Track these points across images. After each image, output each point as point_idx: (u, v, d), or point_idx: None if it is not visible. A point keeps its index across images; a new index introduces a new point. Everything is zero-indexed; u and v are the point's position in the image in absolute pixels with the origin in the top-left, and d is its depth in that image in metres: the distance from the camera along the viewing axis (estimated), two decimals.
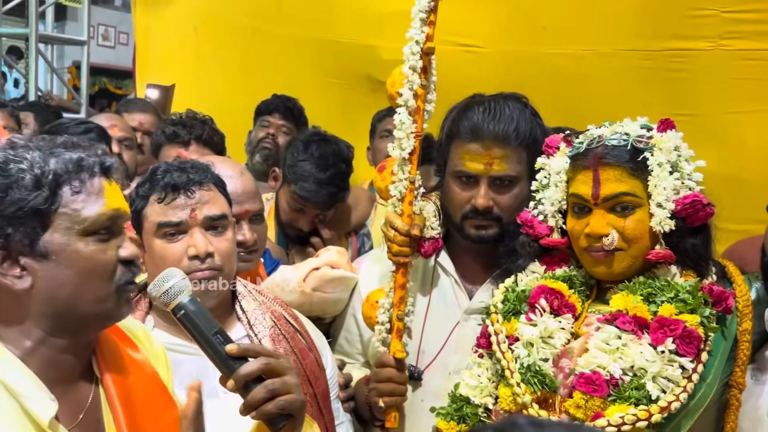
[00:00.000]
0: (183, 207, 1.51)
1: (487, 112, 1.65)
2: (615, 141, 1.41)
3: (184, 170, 1.53)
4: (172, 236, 1.51)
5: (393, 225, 1.68)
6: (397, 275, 1.70)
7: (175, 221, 1.50)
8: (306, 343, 1.65)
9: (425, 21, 1.65)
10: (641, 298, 1.36)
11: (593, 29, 2.88)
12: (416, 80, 1.64)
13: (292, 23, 3.41)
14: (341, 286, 1.90)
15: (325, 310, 1.92)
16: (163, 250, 1.51)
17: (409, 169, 1.67)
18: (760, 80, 2.67)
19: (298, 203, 2.41)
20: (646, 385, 1.28)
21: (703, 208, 1.38)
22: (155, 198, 1.52)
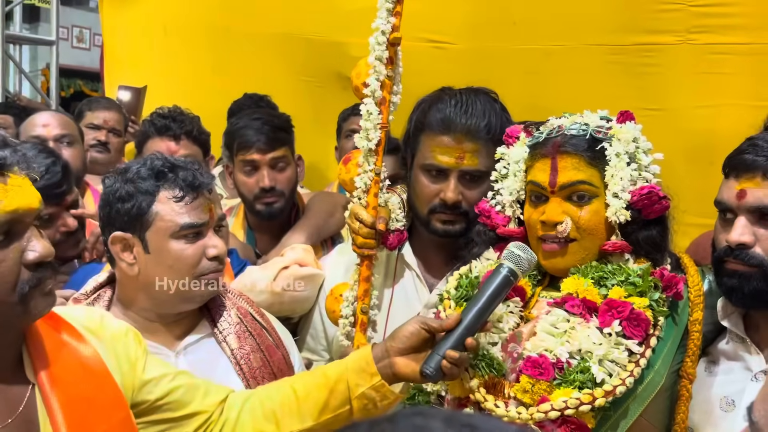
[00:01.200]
0: (203, 208, 1.48)
1: (459, 105, 1.65)
2: (574, 130, 1.41)
3: (191, 169, 1.49)
4: (193, 237, 1.48)
5: (358, 217, 1.66)
6: (361, 268, 1.69)
7: (200, 222, 1.47)
8: (273, 341, 1.63)
9: (391, 11, 1.64)
10: (592, 282, 1.35)
11: (563, 25, 2.88)
12: (383, 71, 1.64)
13: (262, 21, 3.38)
14: (311, 283, 1.88)
15: (295, 309, 1.90)
16: (182, 252, 1.47)
17: (374, 161, 1.66)
18: (728, 74, 2.68)
19: (247, 159, 2.33)
20: (591, 369, 1.27)
21: (659, 201, 1.38)
22: (170, 196, 1.45)
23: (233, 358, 1.55)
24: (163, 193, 1.45)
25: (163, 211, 1.45)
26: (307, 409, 1.33)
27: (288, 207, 2.43)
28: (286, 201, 2.40)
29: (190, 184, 1.46)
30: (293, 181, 2.44)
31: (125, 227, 1.47)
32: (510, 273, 1.34)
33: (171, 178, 1.46)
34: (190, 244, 1.47)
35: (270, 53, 3.42)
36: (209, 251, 1.48)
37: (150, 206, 1.45)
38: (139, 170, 1.47)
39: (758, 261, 1.34)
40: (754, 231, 1.34)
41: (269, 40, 3.40)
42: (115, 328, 1.28)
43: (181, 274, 1.47)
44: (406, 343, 1.33)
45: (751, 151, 1.36)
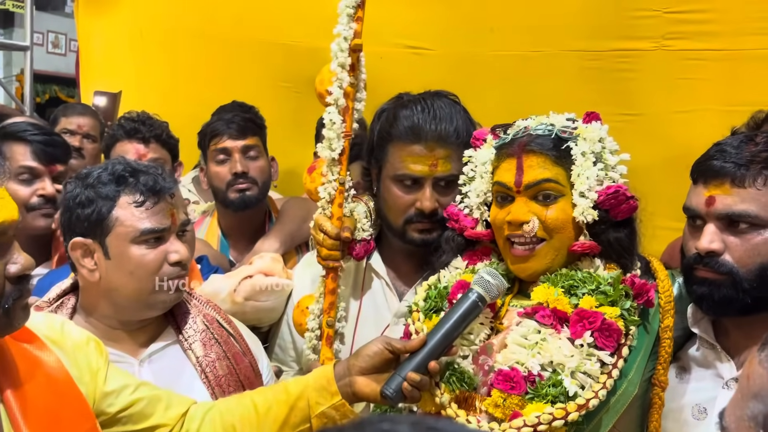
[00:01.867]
0: (165, 213, 1.45)
1: (426, 111, 1.62)
2: (540, 130, 1.40)
3: (153, 174, 1.46)
4: (154, 242, 1.45)
5: (322, 228, 1.63)
6: (327, 280, 1.65)
7: (161, 228, 1.45)
8: (240, 348, 1.61)
9: (352, 17, 1.60)
10: (562, 291, 1.33)
11: (539, 31, 2.90)
12: (345, 78, 1.60)
13: (240, 27, 3.36)
14: (275, 294, 1.84)
15: (261, 319, 1.87)
16: (143, 257, 1.44)
17: (338, 170, 1.62)
18: (703, 80, 2.72)
19: (219, 147, 2.35)
20: (564, 382, 1.25)
21: (626, 201, 1.36)
22: (130, 201, 1.43)
23: (198, 365, 1.53)
24: (124, 198, 1.43)
25: (124, 216, 1.43)
26: (267, 425, 1.32)
27: (261, 198, 2.41)
28: (260, 191, 2.39)
29: (151, 188, 1.43)
30: (266, 173, 2.43)
31: (85, 233, 1.44)
32: (479, 299, 1.33)
33: (132, 183, 1.43)
34: (151, 249, 1.45)
35: (248, 59, 3.41)
36: (171, 256, 1.46)
37: (110, 211, 1.42)
38: (99, 175, 1.45)
39: (728, 268, 1.31)
40: (724, 238, 1.32)
41: (247, 46, 3.38)
42: (76, 337, 1.26)
43: (142, 279, 1.45)
44: (368, 362, 1.32)
45: (719, 157, 1.34)
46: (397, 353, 1.32)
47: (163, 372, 1.50)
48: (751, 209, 1.29)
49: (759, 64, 2.62)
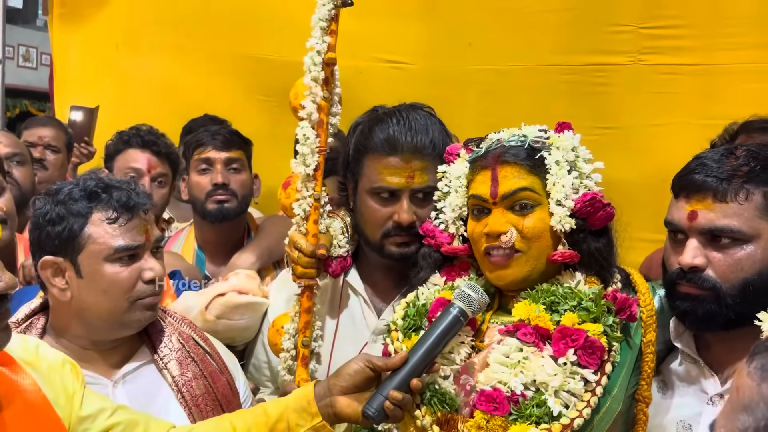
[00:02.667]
0: (139, 230, 1.42)
1: (402, 123, 1.60)
2: (513, 142, 1.40)
3: (126, 189, 1.43)
4: (128, 260, 1.42)
5: (297, 245, 1.60)
6: (302, 299, 1.61)
7: (135, 245, 1.42)
8: (217, 366, 1.58)
9: (326, 30, 1.57)
10: (543, 307, 1.32)
11: (517, 45, 2.93)
12: (319, 92, 1.57)
13: (218, 39, 3.34)
14: (249, 312, 1.79)
15: (234, 338, 1.82)
16: (117, 275, 1.41)
17: (313, 186, 1.59)
18: (677, 93, 2.76)
19: (202, 157, 2.35)
20: (548, 402, 1.23)
21: (603, 208, 1.36)
22: (103, 218, 1.39)
23: (175, 385, 1.49)
24: (96, 214, 1.39)
25: (96, 233, 1.39)
26: None
27: (239, 212, 2.39)
28: (239, 204, 2.37)
29: (125, 204, 1.40)
30: (247, 187, 2.42)
31: (56, 251, 1.40)
32: (460, 313, 1.31)
33: (104, 199, 1.40)
34: (125, 267, 1.41)
35: (226, 72, 3.39)
36: (145, 274, 1.43)
37: (82, 228, 1.39)
38: (71, 191, 1.42)
39: (711, 284, 1.30)
40: (706, 253, 1.32)
41: (225, 59, 3.37)
42: (51, 359, 1.23)
43: (115, 298, 1.42)
44: (349, 381, 1.29)
45: (701, 171, 1.33)
46: (378, 371, 1.30)
47: (138, 393, 1.47)
48: (733, 224, 1.29)
49: (731, 78, 2.67)
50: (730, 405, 0.80)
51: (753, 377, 0.77)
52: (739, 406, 0.78)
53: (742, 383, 0.79)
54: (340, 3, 1.58)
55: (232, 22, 3.33)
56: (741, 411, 0.77)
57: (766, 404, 0.75)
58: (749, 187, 1.29)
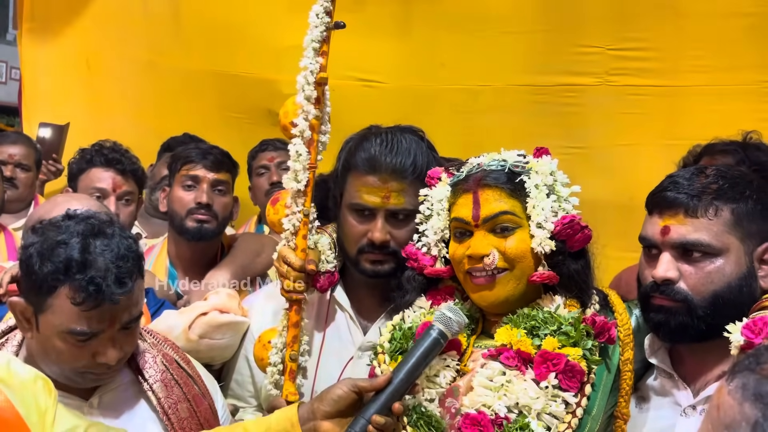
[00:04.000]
0: (102, 316, 1.32)
1: (384, 144, 1.63)
2: (493, 166, 1.44)
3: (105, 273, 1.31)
4: (81, 341, 1.33)
5: (286, 260, 1.61)
6: (290, 313, 1.62)
7: (91, 332, 1.32)
8: (199, 390, 1.56)
9: (318, 51, 1.60)
10: (525, 332, 1.35)
11: (488, 66, 2.98)
12: (311, 110, 1.59)
13: (190, 56, 3.35)
14: (231, 331, 1.79)
15: (213, 358, 1.81)
16: (66, 351, 1.34)
17: (303, 202, 1.61)
18: (644, 114, 2.83)
19: (190, 174, 2.32)
20: (531, 425, 1.26)
21: (581, 230, 1.40)
22: (69, 295, 1.29)
23: (160, 407, 1.47)
24: (64, 289, 1.30)
25: (57, 306, 1.31)
26: None
27: (217, 233, 2.37)
28: (217, 226, 2.35)
29: (94, 292, 1.29)
30: (228, 210, 2.41)
31: (26, 296, 1.36)
32: (440, 335, 1.32)
33: (78, 279, 1.29)
34: (78, 348, 1.34)
35: (199, 89, 3.39)
36: (98, 358, 1.36)
37: (49, 294, 1.31)
38: (55, 250, 1.32)
39: (683, 296, 1.35)
40: (679, 266, 1.37)
41: (198, 76, 3.38)
42: (23, 375, 1.21)
43: (63, 367, 1.37)
44: (333, 406, 1.29)
45: (673, 189, 1.39)
46: (363, 392, 1.30)
47: (114, 413, 1.44)
48: (703, 238, 1.34)
49: (696, 100, 2.75)
50: (710, 423, 0.81)
51: (734, 396, 0.78)
52: (721, 425, 0.79)
53: (723, 402, 0.80)
54: (333, 25, 1.62)
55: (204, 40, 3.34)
56: (723, 429, 0.79)
57: (747, 423, 0.76)
58: (718, 204, 1.35)
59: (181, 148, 2.52)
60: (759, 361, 0.79)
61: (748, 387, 0.77)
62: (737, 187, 1.37)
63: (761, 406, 0.75)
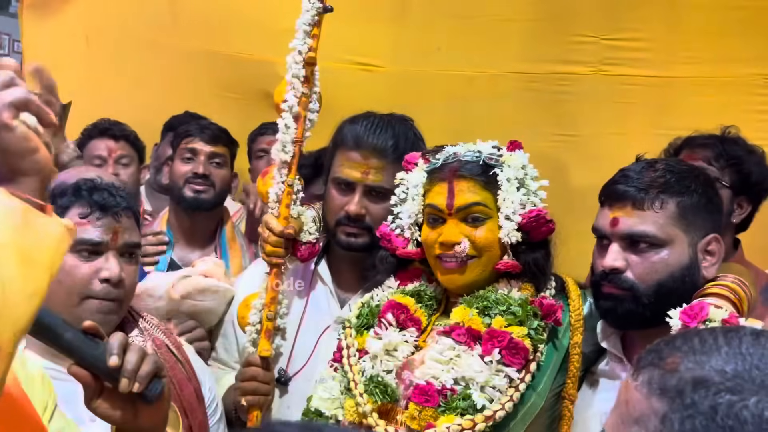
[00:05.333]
0: (106, 228, 1.48)
1: (370, 125, 1.74)
2: (469, 157, 1.51)
3: (111, 193, 1.50)
4: (87, 254, 1.47)
5: (268, 225, 1.71)
6: (270, 276, 1.73)
7: (96, 240, 1.47)
8: (186, 374, 1.62)
9: (308, 33, 1.71)
10: (477, 311, 1.43)
11: (484, 52, 3.00)
12: (300, 88, 1.70)
13: (189, 36, 3.36)
14: (213, 295, 1.89)
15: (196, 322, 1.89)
16: (74, 267, 1.45)
17: (287, 173, 1.72)
18: (635, 104, 2.85)
19: (189, 147, 2.47)
20: (473, 395, 1.34)
21: (546, 224, 1.47)
22: (77, 212, 1.47)
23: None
24: (74, 209, 1.47)
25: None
26: None
27: (214, 203, 2.48)
28: (215, 196, 2.47)
29: (98, 203, 1.47)
30: (226, 183, 2.53)
31: None
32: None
33: (84, 196, 1.48)
34: (84, 262, 1.47)
35: (197, 68, 3.41)
36: (102, 273, 1.47)
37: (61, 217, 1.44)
38: (64, 188, 1.50)
39: (629, 284, 1.42)
40: (626, 256, 1.42)
41: (196, 56, 3.39)
42: (30, 369, 1.26)
43: (68, 291, 1.46)
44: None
45: (623, 182, 1.45)
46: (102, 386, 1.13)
47: None
48: (649, 230, 1.40)
49: (687, 91, 2.77)
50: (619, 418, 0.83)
51: (641, 391, 0.80)
52: (630, 419, 0.81)
53: (631, 397, 0.81)
54: (322, 9, 1.72)
55: (203, 20, 3.35)
56: (632, 424, 0.80)
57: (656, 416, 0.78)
58: (664, 197, 1.41)
59: (181, 127, 2.65)
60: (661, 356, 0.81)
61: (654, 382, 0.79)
62: (683, 181, 1.42)
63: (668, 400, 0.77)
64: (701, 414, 0.74)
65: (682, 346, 0.81)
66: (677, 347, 0.81)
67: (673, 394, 0.77)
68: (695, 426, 0.74)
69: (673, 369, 0.79)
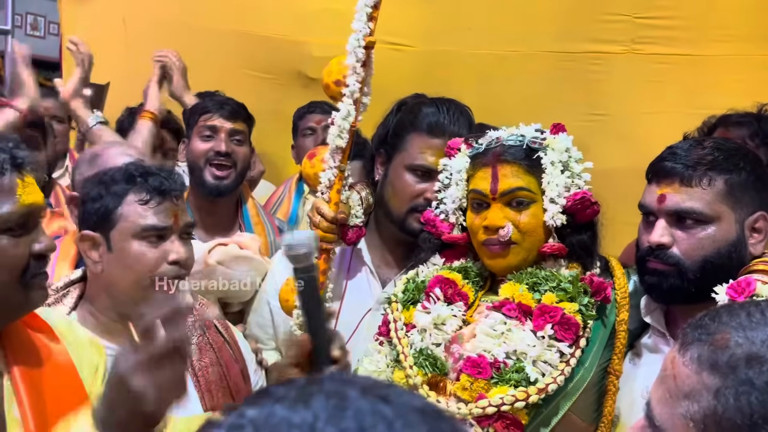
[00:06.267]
0: (168, 213, 1.52)
1: (450, 112, 1.75)
2: (512, 141, 1.52)
3: (164, 176, 1.54)
4: (153, 240, 1.51)
5: (320, 211, 1.72)
6: (319, 261, 1.72)
7: (161, 226, 1.51)
8: (233, 354, 1.68)
9: (370, 15, 1.65)
10: (527, 287, 1.45)
11: (516, 31, 2.99)
12: (362, 72, 1.66)
13: (222, 18, 3.40)
14: (246, 265, 1.93)
15: (228, 292, 1.93)
16: (143, 254, 1.50)
17: (340, 159, 1.70)
18: (669, 83, 2.84)
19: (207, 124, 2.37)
20: (526, 368, 1.37)
21: (591, 206, 1.49)
22: (136, 199, 1.50)
23: (191, 368, 1.58)
24: (131, 196, 1.50)
25: (128, 212, 1.50)
26: None
27: (236, 186, 2.39)
28: (237, 177, 2.38)
29: (157, 188, 1.51)
30: (246, 161, 2.44)
31: (94, 226, 1.52)
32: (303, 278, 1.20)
33: (140, 182, 1.51)
34: (152, 247, 1.51)
35: (230, 50, 3.44)
36: (170, 256, 1.52)
37: (117, 207, 1.50)
38: (113, 174, 1.54)
39: (675, 260, 1.43)
40: (673, 232, 1.44)
41: (230, 37, 3.42)
42: (80, 336, 1.32)
43: (139, 275, 1.51)
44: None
45: (671, 159, 1.46)
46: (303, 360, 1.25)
47: None
48: (696, 206, 1.41)
49: (721, 69, 2.75)
50: (667, 392, 0.85)
51: (690, 367, 0.82)
52: (680, 394, 0.83)
53: (679, 372, 0.84)
54: None
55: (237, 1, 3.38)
56: (682, 398, 0.82)
57: (709, 392, 0.80)
58: (712, 174, 1.42)
59: (196, 102, 2.60)
60: (709, 332, 0.83)
61: (703, 357, 0.81)
62: (732, 158, 1.43)
63: (720, 376, 0.79)
64: (757, 390, 0.77)
65: (729, 321, 0.83)
66: (724, 323, 0.83)
67: (725, 370, 0.79)
68: (751, 401, 0.77)
69: (724, 345, 0.81)
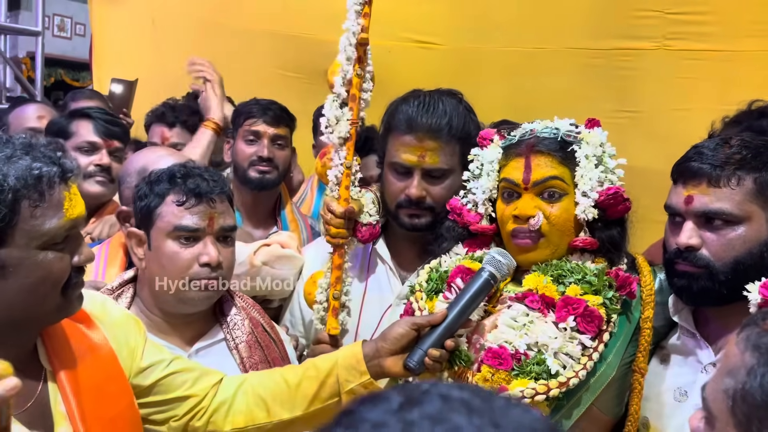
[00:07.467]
0: (202, 215, 1.54)
1: (421, 105, 1.72)
2: (546, 133, 1.51)
3: (205, 178, 1.56)
4: (186, 240, 1.54)
5: (329, 208, 1.75)
6: (334, 256, 1.77)
7: (193, 227, 1.54)
8: (280, 353, 1.70)
9: (360, 13, 1.68)
10: (551, 279, 1.43)
11: (544, 28, 2.97)
12: (350, 70, 1.69)
13: (251, 17, 3.43)
14: (289, 264, 1.97)
15: (272, 290, 1.98)
16: (176, 254, 1.54)
17: (344, 155, 1.72)
18: (700, 79, 2.79)
19: (252, 129, 2.53)
20: (547, 361, 1.35)
21: (623, 202, 1.47)
22: (174, 200, 1.53)
23: (242, 365, 1.61)
24: (170, 196, 1.54)
25: (165, 212, 1.54)
26: (298, 399, 1.41)
27: (278, 182, 2.58)
28: (278, 176, 2.56)
29: (193, 190, 1.53)
30: (287, 163, 2.62)
31: (140, 224, 1.58)
32: (491, 277, 1.42)
33: (179, 183, 1.54)
34: (184, 248, 1.54)
35: (259, 49, 3.48)
36: (201, 258, 1.54)
37: (157, 206, 1.54)
38: (159, 174, 1.58)
39: (705, 262, 1.39)
40: (701, 234, 1.39)
41: (258, 37, 3.46)
42: (116, 314, 1.34)
43: (172, 275, 1.54)
44: (396, 344, 1.40)
45: (697, 159, 1.42)
46: (421, 329, 1.41)
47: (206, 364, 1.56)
48: (725, 207, 1.37)
49: (753, 65, 2.70)
50: (719, 369, 0.91)
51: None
52: (726, 370, 0.88)
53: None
54: None
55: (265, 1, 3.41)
56: (726, 374, 0.87)
57: (746, 369, 0.84)
58: (741, 174, 1.37)
59: (242, 104, 2.70)
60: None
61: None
62: (760, 156, 1.39)
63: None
64: None
65: None
66: None
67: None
68: None
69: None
